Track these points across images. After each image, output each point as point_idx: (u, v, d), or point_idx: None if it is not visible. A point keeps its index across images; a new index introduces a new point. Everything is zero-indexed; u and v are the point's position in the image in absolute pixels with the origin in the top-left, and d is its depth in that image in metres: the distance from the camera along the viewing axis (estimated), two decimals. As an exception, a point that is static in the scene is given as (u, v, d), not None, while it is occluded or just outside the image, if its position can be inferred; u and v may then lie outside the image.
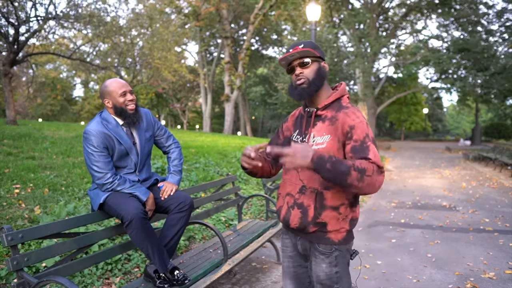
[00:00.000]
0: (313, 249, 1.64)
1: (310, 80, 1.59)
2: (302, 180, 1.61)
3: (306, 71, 1.60)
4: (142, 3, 17.31)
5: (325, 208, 1.55)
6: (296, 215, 1.61)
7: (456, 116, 60.87)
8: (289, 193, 1.66)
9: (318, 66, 1.61)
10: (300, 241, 1.69)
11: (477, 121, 29.57)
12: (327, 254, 1.60)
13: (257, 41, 33.24)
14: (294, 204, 1.62)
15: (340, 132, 1.53)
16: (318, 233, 1.60)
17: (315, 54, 1.60)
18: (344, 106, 1.59)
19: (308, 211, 1.57)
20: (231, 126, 24.11)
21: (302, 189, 1.60)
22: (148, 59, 15.20)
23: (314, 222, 1.57)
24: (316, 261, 1.63)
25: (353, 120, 1.52)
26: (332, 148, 1.53)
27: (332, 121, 1.57)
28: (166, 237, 2.41)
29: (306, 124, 1.65)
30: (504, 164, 11.75)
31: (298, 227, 1.61)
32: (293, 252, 1.75)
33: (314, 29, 8.74)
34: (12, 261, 1.83)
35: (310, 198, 1.57)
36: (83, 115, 38.35)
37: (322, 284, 1.62)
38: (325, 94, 1.64)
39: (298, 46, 1.59)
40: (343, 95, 1.64)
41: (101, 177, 2.28)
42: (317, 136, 1.58)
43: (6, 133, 7.45)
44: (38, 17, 10.57)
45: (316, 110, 1.63)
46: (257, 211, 5.66)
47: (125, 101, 2.35)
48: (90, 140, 2.27)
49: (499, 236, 4.86)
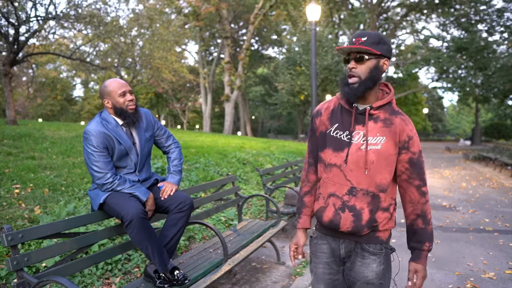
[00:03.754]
0: (360, 250, 1.59)
1: (362, 79, 1.48)
2: (350, 181, 1.52)
3: (360, 68, 1.49)
4: (142, 3, 17.29)
5: (379, 210, 1.53)
6: (347, 219, 1.52)
7: (456, 116, 60.87)
8: (334, 194, 1.55)
9: (375, 64, 1.49)
10: (344, 244, 1.61)
11: (477, 121, 29.57)
12: (378, 254, 1.58)
13: (257, 41, 33.25)
14: (344, 206, 1.52)
15: (397, 138, 1.50)
16: (369, 234, 1.57)
17: (374, 53, 1.47)
18: (397, 112, 1.55)
19: (362, 214, 1.51)
20: (231, 126, 24.10)
21: (351, 190, 1.52)
22: (148, 59, 15.18)
23: (370, 225, 1.52)
24: (364, 262, 1.58)
25: (411, 130, 1.52)
26: (387, 150, 1.49)
27: (386, 124, 1.51)
28: (166, 237, 2.40)
29: (354, 121, 1.53)
30: (504, 164, 11.75)
31: (351, 230, 1.53)
32: (330, 258, 1.65)
33: (314, 29, 8.75)
34: (12, 261, 1.83)
35: (363, 201, 1.51)
36: (83, 115, 38.35)
37: (369, 283, 1.59)
38: (375, 93, 1.55)
39: (361, 38, 1.48)
40: (393, 98, 1.60)
41: (101, 177, 2.28)
42: (370, 136, 1.50)
43: (6, 133, 7.45)
44: (38, 17, 10.56)
45: (370, 109, 1.53)
46: (257, 211, 5.66)
47: (125, 101, 2.35)
48: (90, 140, 2.27)
49: (499, 236, 4.86)
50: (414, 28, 26.56)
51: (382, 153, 1.49)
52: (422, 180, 1.54)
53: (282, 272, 3.69)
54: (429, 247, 1.57)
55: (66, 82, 37.93)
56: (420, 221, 1.56)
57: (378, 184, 1.50)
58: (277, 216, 4.05)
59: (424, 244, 1.57)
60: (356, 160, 1.50)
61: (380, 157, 1.49)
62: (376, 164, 1.49)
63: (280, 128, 46.39)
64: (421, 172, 1.54)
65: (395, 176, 1.58)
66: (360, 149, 1.50)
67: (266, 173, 5.10)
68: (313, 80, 8.73)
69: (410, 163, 1.52)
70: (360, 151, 1.50)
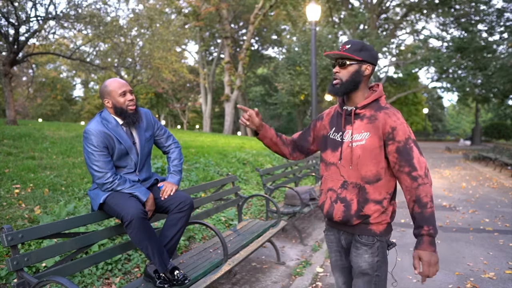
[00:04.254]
0: (354, 241, 1.72)
1: (343, 81, 1.68)
2: (343, 176, 1.70)
3: (343, 72, 1.69)
4: (142, 3, 17.28)
5: (368, 201, 1.64)
6: (339, 209, 1.69)
7: (456, 116, 60.87)
8: (331, 189, 1.74)
9: (357, 69, 1.67)
10: (343, 236, 1.79)
11: (477, 121, 29.58)
12: (369, 245, 1.68)
13: (257, 41, 33.24)
14: (337, 199, 1.71)
15: (381, 132, 1.63)
16: (361, 225, 1.69)
17: (355, 59, 1.66)
18: (383, 107, 1.68)
19: (351, 204, 1.66)
20: (231, 126, 24.08)
21: (344, 184, 1.69)
22: (148, 59, 15.17)
23: (358, 215, 1.66)
24: (358, 252, 1.71)
25: (395, 121, 1.62)
26: (371, 145, 1.63)
27: (371, 120, 1.66)
28: (166, 237, 2.40)
29: (344, 121, 1.72)
30: (504, 164, 11.75)
31: (342, 220, 1.70)
32: (338, 247, 1.84)
33: (314, 29, 8.75)
34: (12, 261, 1.83)
35: (352, 193, 1.67)
36: (83, 115, 38.33)
37: (364, 273, 1.70)
38: (362, 94, 1.71)
39: (346, 45, 1.68)
40: (381, 96, 1.72)
41: (101, 176, 2.28)
42: (355, 133, 1.67)
43: (6, 133, 7.45)
44: (38, 17, 10.55)
45: (355, 109, 1.70)
46: (257, 211, 5.66)
47: (125, 101, 2.35)
48: (90, 140, 2.27)
49: (499, 236, 4.86)
50: (414, 28, 26.55)
51: (367, 147, 1.63)
52: (411, 166, 1.59)
53: (282, 272, 3.69)
54: (429, 230, 1.57)
55: (66, 82, 37.89)
56: (416, 206, 1.60)
57: (363, 176, 1.65)
58: (277, 216, 4.05)
59: (423, 228, 1.58)
60: (346, 157, 1.69)
61: (365, 151, 1.63)
62: (361, 158, 1.64)
63: (280, 128, 46.38)
64: (409, 158, 1.60)
65: (391, 170, 1.67)
66: (349, 146, 1.68)
67: (266, 173, 5.10)
68: (313, 80, 8.73)
69: (398, 152, 1.61)
70: (349, 148, 1.68)
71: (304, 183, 8.01)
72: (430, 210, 1.57)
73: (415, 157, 1.60)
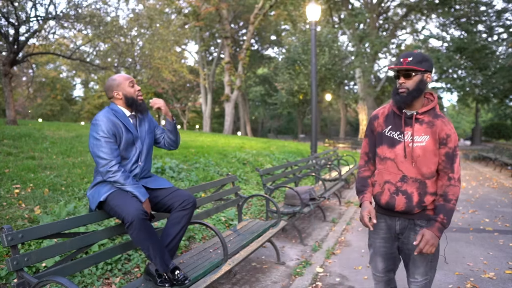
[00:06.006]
0: (413, 226, 1.95)
1: (410, 90, 1.86)
2: (401, 170, 1.91)
3: (408, 82, 1.86)
4: (142, 3, 17.29)
5: (427, 194, 1.89)
6: (401, 200, 1.91)
7: (456, 116, 60.85)
8: (388, 181, 1.95)
9: (420, 78, 1.86)
10: (399, 222, 1.98)
11: (477, 121, 29.58)
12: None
13: (257, 41, 33.25)
14: (397, 191, 1.92)
15: (437, 136, 1.87)
16: (421, 213, 1.93)
17: (419, 70, 1.83)
18: (439, 115, 1.92)
19: (413, 196, 1.89)
20: (231, 126, 24.09)
21: (403, 178, 1.91)
22: (148, 59, 15.18)
23: (420, 205, 1.89)
24: (418, 234, 1.91)
25: (450, 129, 1.87)
26: (430, 147, 1.87)
27: (429, 125, 1.89)
28: (169, 235, 2.42)
29: (404, 123, 1.92)
30: (504, 164, 11.75)
31: (404, 210, 1.92)
32: (387, 234, 2.03)
33: (314, 29, 8.75)
34: (12, 261, 1.83)
35: (413, 186, 1.89)
36: (83, 115, 38.30)
37: (422, 252, 1.88)
38: (420, 100, 1.91)
39: (408, 58, 1.85)
40: (436, 104, 1.96)
41: (106, 164, 2.29)
42: (416, 135, 1.89)
43: (6, 133, 7.45)
44: (38, 17, 10.55)
45: (416, 114, 1.91)
46: (257, 211, 5.65)
47: (135, 91, 2.49)
48: (99, 126, 2.33)
49: (499, 236, 4.86)
50: (414, 28, 26.55)
51: (426, 149, 1.87)
52: (451, 169, 1.87)
53: (282, 272, 3.69)
54: (443, 220, 1.83)
55: (66, 82, 37.90)
56: (441, 199, 1.87)
57: (424, 173, 1.88)
58: (277, 216, 4.05)
59: (439, 216, 1.84)
60: (407, 154, 1.89)
61: (426, 152, 1.87)
62: (422, 157, 1.87)
63: (280, 128, 46.39)
64: (452, 162, 1.87)
65: None
66: (409, 146, 1.89)
67: (266, 173, 5.09)
68: (313, 80, 8.73)
69: (446, 156, 1.87)
70: (409, 147, 1.89)
71: (304, 183, 8.01)
72: (451, 206, 1.82)
73: (456, 163, 1.87)
